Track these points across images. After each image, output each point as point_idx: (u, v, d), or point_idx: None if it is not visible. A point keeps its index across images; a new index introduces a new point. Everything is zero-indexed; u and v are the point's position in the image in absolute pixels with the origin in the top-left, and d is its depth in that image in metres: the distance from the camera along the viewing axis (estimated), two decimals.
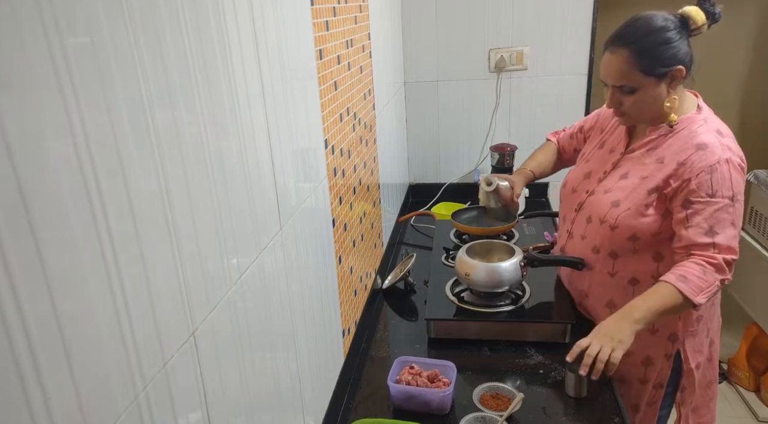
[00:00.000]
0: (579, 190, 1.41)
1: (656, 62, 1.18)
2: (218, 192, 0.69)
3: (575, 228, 1.41)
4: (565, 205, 1.47)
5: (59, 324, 0.42)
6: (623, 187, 1.29)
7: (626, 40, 1.20)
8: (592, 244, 1.35)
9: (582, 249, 1.38)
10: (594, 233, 1.34)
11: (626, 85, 1.22)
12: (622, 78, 1.22)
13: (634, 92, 1.22)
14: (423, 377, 1.23)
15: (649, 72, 1.19)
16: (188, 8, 0.61)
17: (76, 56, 0.44)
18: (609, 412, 1.17)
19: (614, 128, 1.42)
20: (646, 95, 1.22)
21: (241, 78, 0.75)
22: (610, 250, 1.32)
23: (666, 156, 1.24)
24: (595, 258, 1.35)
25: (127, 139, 0.51)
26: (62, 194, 0.43)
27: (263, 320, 0.84)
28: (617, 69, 1.21)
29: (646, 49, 1.18)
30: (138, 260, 0.52)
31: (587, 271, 1.38)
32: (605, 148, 1.41)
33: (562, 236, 1.49)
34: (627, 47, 1.19)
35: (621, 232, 1.28)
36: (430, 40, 2.30)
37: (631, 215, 1.26)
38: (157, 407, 0.55)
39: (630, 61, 1.19)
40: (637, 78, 1.20)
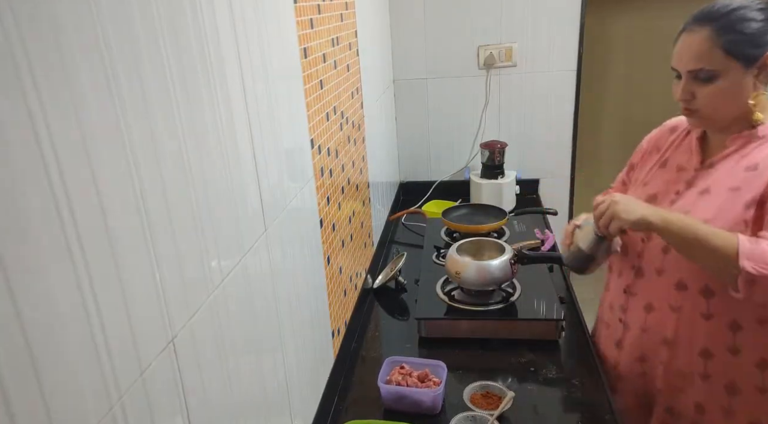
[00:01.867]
0: None
1: (746, 41, 0.97)
2: (197, 194, 0.67)
3: (646, 262, 1.14)
4: (627, 238, 1.19)
5: (24, 331, 0.41)
6: (708, 205, 1.04)
7: (710, 16, 1.00)
8: (675, 279, 1.09)
9: (660, 288, 1.12)
10: (676, 266, 1.08)
11: (705, 67, 1.00)
12: (700, 60, 1.00)
13: (712, 80, 1.00)
14: (413, 376, 1.22)
15: (735, 52, 0.97)
16: (163, 6, 0.60)
17: (41, 61, 0.42)
18: (600, 410, 1.16)
19: (678, 143, 1.18)
20: (728, 84, 0.99)
21: (220, 77, 0.73)
22: (703, 285, 1.05)
23: (760, 162, 1.01)
24: (681, 297, 1.08)
25: (95, 136, 0.49)
26: (25, 195, 0.41)
27: (248, 323, 0.82)
28: (695, 50, 1.00)
29: (732, 23, 0.98)
30: (110, 264, 0.51)
31: (671, 313, 1.11)
32: (670, 167, 1.17)
33: (625, 273, 1.20)
34: (710, 23, 0.99)
35: None
36: (419, 37, 2.29)
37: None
38: (134, 418, 0.53)
39: (712, 38, 0.98)
40: (718, 59, 0.98)
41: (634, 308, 1.18)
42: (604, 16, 2.61)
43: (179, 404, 0.62)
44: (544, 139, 2.38)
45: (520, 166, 2.39)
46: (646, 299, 1.15)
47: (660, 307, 1.13)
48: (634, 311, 1.18)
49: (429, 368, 1.24)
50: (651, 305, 1.14)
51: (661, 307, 1.13)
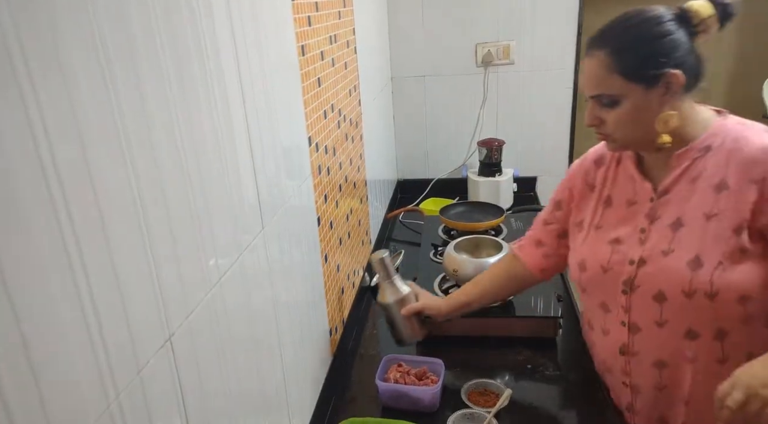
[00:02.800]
0: (614, 265, 1.03)
1: (641, 62, 0.91)
2: (194, 191, 0.67)
3: (638, 315, 1.01)
4: (599, 291, 1.07)
5: (20, 329, 0.41)
6: (691, 238, 0.94)
7: (605, 38, 0.95)
8: (683, 328, 0.97)
9: (665, 340, 0.99)
10: (681, 313, 0.96)
11: (605, 93, 0.94)
12: (599, 85, 0.95)
13: (616, 105, 0.94)
14: (411, 374, 1.22)
15: (632, 75, 0.91)
16: (159, 2, 0.59)
17: (38, 59, 0.42)
18: (597, 407, 1.17)
19: (613, 176, 1.08)
20: (633, 109, 0.93)
21: (218, 74, 0.73)
22: (716, 328, 0.95)
23: (727, 178, 0.93)
24: (693, 346, 0.97)
25: (92, 134, 0.49)
26: (21, 192, 0.41)
27: (246, 321, 0.82)
28: (593, 75, 0.95)
29: (628, 46, 0.92)
30: (107, 261, 0.51)
31: (687, 365, 0.98)
32: (617, 203, 1.06)
33: (613, 332, 1.06)
34: (604, 47, 0.93)
35: (725, 297, 0.92)
36: (417, 35, 2.29)
37: (728, 270, 0.91)
38: (132, 416, 0.53)
39: (608, 62, 0.92)
40: (617, 84, 0.92)
41: (641, 367, 1.03)
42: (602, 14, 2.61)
43: (177, 403, 0.62)
44: (541, 137, 2.38)
45: (518, 164, 2.39)
46: (654, 355, 1.01)
47: (672, 363, 1.00)
48: (641, 372, 1.03)
49: (427, 366, 1.24)
50: (662, 361, 1.00)
51: (673, 362, 1.00)
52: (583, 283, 1.09)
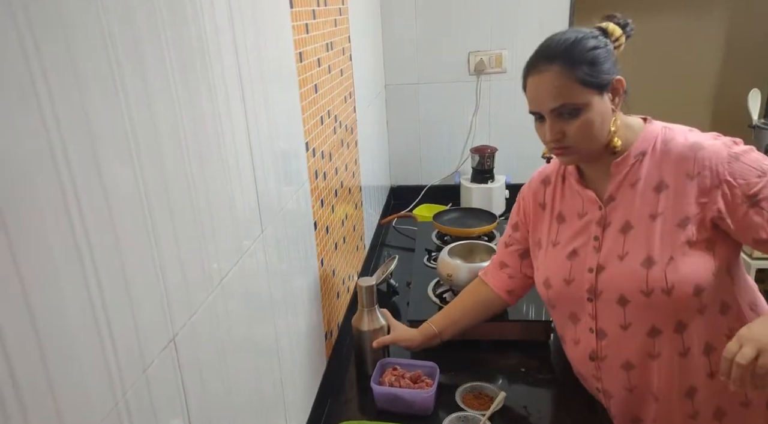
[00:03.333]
0: (575, 276, 1.07)
1: (593, 69, 0.96)
2: (198, 196, 0.68)
3: (604, 322, 1.05)
4: (567, 303, 1.11)
5: (36, 329, 0.42)
6: (640, 239, 0.99)
7: (553, 52, 0.98)
8: (646, 327, 1.01)
9: (629, 341, 1.03)
10: (642, 313, 1.00)
11: (567, 102, 0.96)
12: (560, 96, 0.96)
13: (578, 114, 0.96)
14: (406, 378, 1.23)
15: (588, 83, 0.95)
16: (166, 12, 0.61)
17: (52, 63, 0.44)
18: (590, 410, 1.19)
19: (560, 193, 1.14)
20: (594, 114, 0.96)
21: (220, 81, 0.74)
22: (676, 321, 0.99)
23: (664, 178, 0.98)
24: (657, 343, 1.01)
25: (104, 143, 0.50)
26: (38, 199, 0.42)
27: (245, 323, 0.83)
28: (551, 88, 0.97)
29: (577, 57, 0.96)
30: (117, 264, 0.52)
31: (651, 362, 1.03)
32: (570, 218, 1.11)
33: (582, 341, 1.10)
34: (555, 61, 0.96)
35: (680, 291, 0.96)
36: (410, 43, 2.32)
37: (679, 264, 0.96)
38: (138, 414, 0.54)
39: (564, 73, 0.95)
40: (577, 92, 0.95)
41: (611, 371, 1.07)
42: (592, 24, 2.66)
43: (180, 401, 0.63)
44: (533, 145, 2.41)
45: (510, 170, 2.42)
46: (621, 358, 1.05)
47: (640, 363, 1.04)
48: (611, 376, 1.08)
49: (422, 370, 1.26)
50: (629, 362, 1.05)
51: (640, 361, 1.04)
52: (551, 299, 1.13)
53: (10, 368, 0.39)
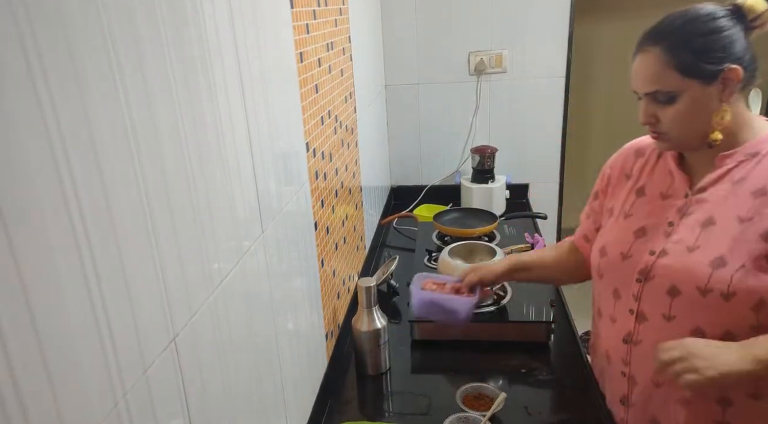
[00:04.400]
0: (634, 253, 1.03)
1: (699, 57, 0.90)
2: (199, 197, 0.68)
3: (647, 306, 1.00)
4: (615, 277, 1.06)
5: (36, 329, 0.42)
6: (720, 238, 0.93)
7: (660, 34, 0.93)
8: (691, 325, 0.95)
9: (671, 335, 0.94)
10: (692, 310, 0.95)
11: (661, 89, 0.93)
12: (655, 81, 0.93)
13: (673, 101, 0.93)
14: (447, 287, 1.22)
15: (690, 71, 0.90)
16: (167, 11, 0.61)
17: (53, 62, 0.44)
18: (591, 411, 1.18)
19: (651, 168, 1.08)
20: (690, 104, 0.92)
21: (221, 82, 0.74)
22: (725, 330, 0.93)
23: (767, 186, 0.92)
24: None
25: (105, 143, 0.50)
26: (38, 198, 0.42)
27: (245, 324, 0.83)
28: (649, 71, 0.94)
29: (684, 41, 0.91)
30: (117, 265, 0.52)
31: None
32: (650, 195, 1.06)
33: (620, 319, 1.06)
34: (660, 43, 0.92)
35: (741, 301, 0.90)
36: (411, 43, 2.32)
37: (750, 274, 0.89)
38: (138, 414, 0.54)
39: (664, 58, 0.92)
40: (674, 80, 0.92)
41: (640, 359, 1.02)
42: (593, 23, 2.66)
43: (180, 402, 0.63)
44: (533, 145, 2.41)
45: (510, 170, 2.42)
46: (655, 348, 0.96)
47: None
48: (640, 363, 1.02)
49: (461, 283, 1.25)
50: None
51: None
52: (602, 268, 1.10)
53: (11, 368, 0.39)
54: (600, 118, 3.44)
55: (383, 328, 1.31)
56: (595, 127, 3.49)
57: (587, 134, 3.48)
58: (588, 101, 3.32)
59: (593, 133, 3.51)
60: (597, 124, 3.47)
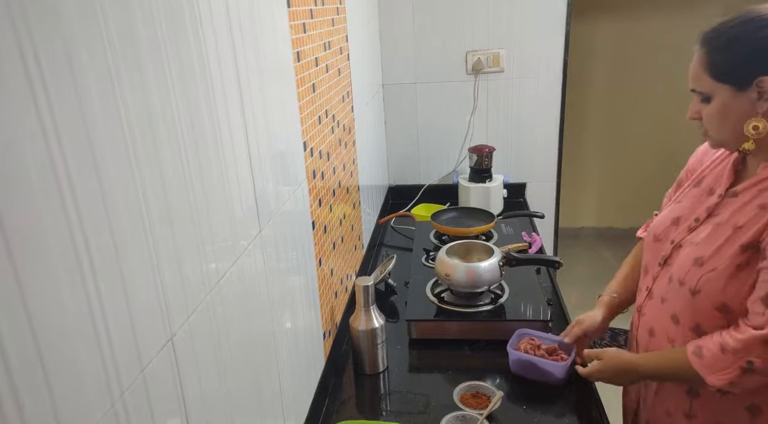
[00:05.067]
0: (664, 239, 1.11)
1: (733, 64, 0.93)
2: (196, 196, 0.68)
3: (657, 287, 1.11)
4: (649, 257, 1.16)
5: (32, 328, 0.42)
6: (712, 241, 1.00)
7: (706, 37, 0.97)
8: (672, 310, 1.06)
9: (661, 315, 1.09)
10: (674, 298, 1.05)
11: (697, 89, 0.99)
12: (694, 81, 0.99)
13: (708, 101, 0.98)
14: (542, 349, 1.27)
15: (720, 76, 0.94)
16: (164, 13, 0.61)
17: (50, 66, 0.44)
18: (588, 408, 1.19)
19: (718, 161, 1.10)
20: (722, 108, 0.96)
21: (218, 81, 0.74)
22: (695, 323, 1.02)
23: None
24: (674, 330, 1.06)
25: (102, 142, 0.50)
26: (34, 198, 0.42)
27: (243, 323, 0.83)
28: (693, 70, 0.99)
29: (724, 46, 0.94)
30: (114, 264, 0.52)
31: (667, 344, 1.08)
32: (703, 187, 1.10)
33: (641, 292, 1.17)
34: (706, 45, 0.97)
35: (704, 299, 0.99)
36: (408, 43, 2.32)
37: (718, 278, 0.96)
38: (135, 414, 0.54)
39: (703, 60, 0.97)
40: (707, 83, 0.97)
41: (642, 328, 1.15)
42: (590, 23, 2.66)
43: (177, 402, 0.63)
44: (530, 144, 2.42)
45: (508, 170, 2.43)
46: (650, 323, 1.12)
47: (659, 334, 1.10)
48: (642, 331, 1.15)
49: (558, 344, 1.29)
50: (653, 330, 1.12)
51: (660, 335, 1.09)
52: (645, 244, 1.19)
53: (8, 368, 0.39)
54: (597, 118, 3.44)
55: (381, 327, 1.32)
56: (592, 126, 3.49)
57: (584, 134, 3.49)
58: (585, 101, 3.32)
59: (590, 132, 3.52)
60: (594, 123, 3.47)
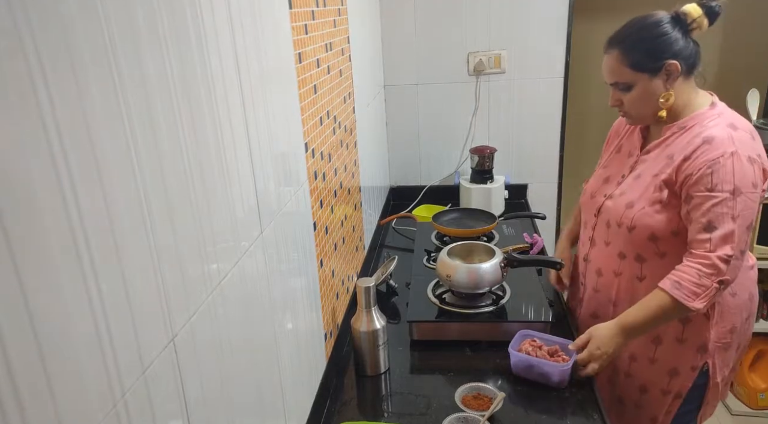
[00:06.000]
0: (597, 195, 1.39)
1: (645, 57, 1.20)
2: (197, 197, 0.68)
3: (597, 234, 1.38)
4: (586, 212, 1.44)
5: (34, 329, 0.42)
6: (637, 188, 1.28)
7: (617, 39, 1.24)
8: (617, 249, 1.33)
9: (607, 256, 1.36)
10: (616, 238, 1.32)
11: (619, 81, 1.25)
12: (615, 75, 1.25)
13: (629, 89, 1.25)
14: (543, 350, 1.28)
15: (638, 67, 1.21)
16: (166, 13, 0.61)
17: (53, 67, 0.44)
18: (589, 409, 1.19)
19: (631, 131, 1.40)
20: (642, 92, 1.23)
21: (219, 82, 0.74)
22: (635, 253, 1.29)
23: (675, 152, 1.22)
24: (622, 264, 1.32)
25: (103, 144, 0.50)
26: (36, 198, 0.42)
27: (244, 324, 0.83)
28: (610, 67, 1.25)
29: (633, 45, 1.21)
30: (116, 265, 0.52)
31: (615, 278, 1.35)
32: (623, 152, 1.40)
33: (584, 244, 1.45)
34: (617, 46, 1.23)
35: (639, 233, 1.26)
36: (410, 44, 2.32)
37: (646, 214, 1.24)
38: (136, 415, 0.54)
39: (620, 58, 1.23)
40: (627, 74, 1.23)
41: (590, 272, 1.42)
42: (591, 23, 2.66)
43: (179, 403, 0.63)
44: (532, 145, 2.42)
45: (509, 171, 2.43)
46: (597, 265, 1.39)
47: (606, 273, 1.37)
48: (589, 275, 1.42)
49: (559, 345, 1.30)
50: (600, 270, 1.38)
51: (607, 272, 1.36)
52: (582, 203, 1.48)
53: (9, 369, 0.39)
54: (599, 119, 3.43)
55: (382, 328, 1.32)
56: (594, 127, 3.48)
57: (586, 134, 3.48)
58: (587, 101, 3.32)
59: (592, 133, 3.51)
60: (595, 124, 3.47)
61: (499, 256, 1.48)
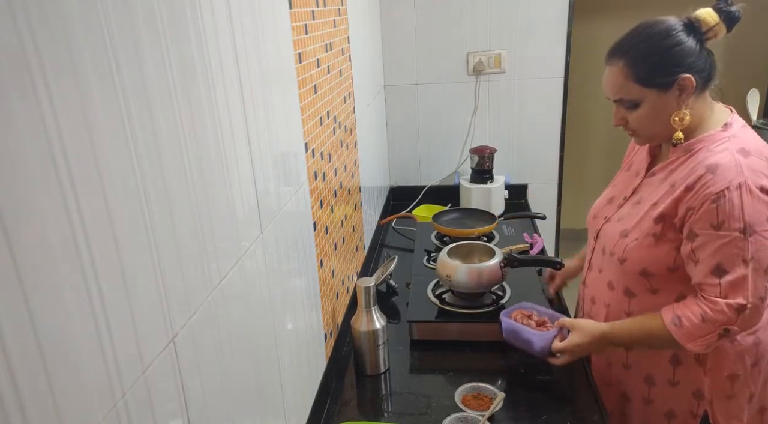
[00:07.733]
0: (599, 216, 1.27)
1: (655, 71, 1.04)
2: (198, 197, 0.68)
3: (594, 259, 1.27)
4: (589, 233, 1.33)
5: (35, 329, 0.42)
6: (634, 215, 1.15)
7: (622, 49, 1.07)
8: (607, 278, 1.22)
9: (599, 284, 1.25)
10: (609, 267, 1.21)
11: (625, 98, 1.09)
12: (619, 91, 1.09)
13: (636, 107, 1.08)
14: (532, 320, 1.29)
15: (647, 82, 1.05)
16: (165, 12, 0.61)
17: (53, 65, 0.44)
18: (589, 411, 1.19)
19: (641, 147, 1.25)
20: (651, 109, 1.07)
21: (219, 82, 0.74)
22: (625, 287, 1.18)
23: (677, 180, 1.07)
24: (610, 296, 1.22)
25: (103, 144, 0.50)
26: (36, 198, 0.42)
27: (244, 324, 0.83)
28: (614, 82, 1.09)
29: (641, 57, 1.05)
30: (116, 265, 0.52)
31: (604, 308, 1.24)
32: (631, 171, 1.26)
33: (585, 266, 1.35)
34: (622, 57, 1.07)
35: (630, 266, 1.14)
36: (409, 44, 2.32)
37: (640, 247, 1.11)
38: (137, 415, 0.54)
39: (625, 71, 1.06)
40: (634, 90, 1.07)
41: (586, 297, 1.33)
42: (591, 23, 2.66)
43: (179, 402, 0.63)
44: (532, 145, 2.42)
45: (509, 171, 2.43)
46: (591, 292, 1.30)
47: (598, 301, 1.27)
48: (586, 301, 1.33)
49: (548, 318, 1.30)
50: (594, 298, 1.29)
51: (599, 301, 1.27)
52: (587, 222, 1.34)
53: (10, 368, 0.39)
54: (599, 119, 3.44)
55: (382, 328, 1.32)
56: (594, 127, 3.49)
57: (586, 135, 3.48)
58: (587, 102, 3.32)
59: (592, 133, 3.52)
60: (596, 124, 3.47)
61: (499, 256, 1.48)
